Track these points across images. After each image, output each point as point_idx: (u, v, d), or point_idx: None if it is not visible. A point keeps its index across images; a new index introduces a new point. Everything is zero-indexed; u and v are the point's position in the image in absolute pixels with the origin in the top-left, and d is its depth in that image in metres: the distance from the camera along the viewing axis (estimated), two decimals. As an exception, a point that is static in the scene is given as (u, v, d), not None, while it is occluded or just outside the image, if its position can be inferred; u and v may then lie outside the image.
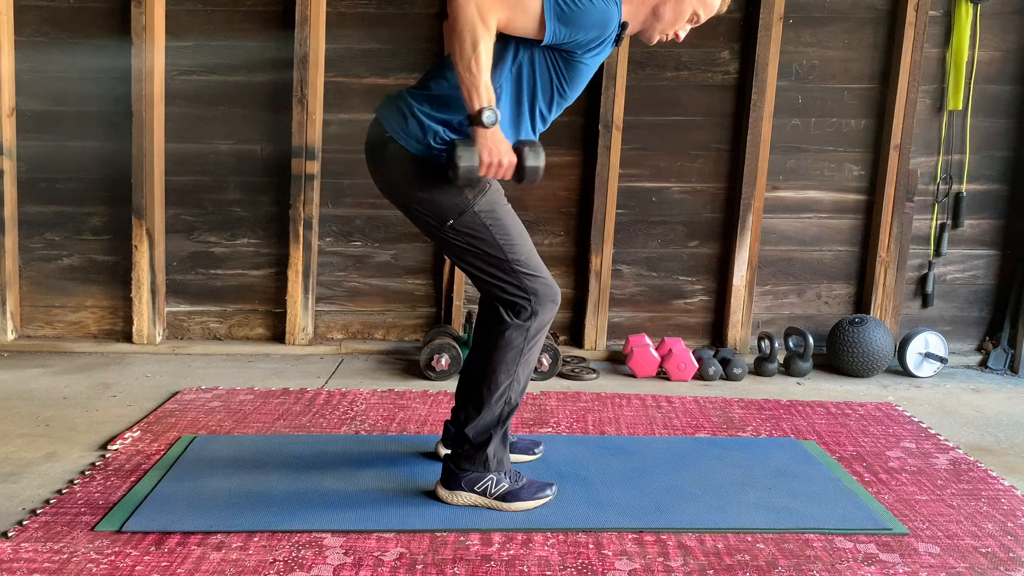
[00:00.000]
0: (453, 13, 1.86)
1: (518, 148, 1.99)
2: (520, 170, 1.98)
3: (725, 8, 2.26)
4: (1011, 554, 2.07)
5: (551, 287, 2.17)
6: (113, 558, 1.92)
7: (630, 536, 2.09)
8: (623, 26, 2.04)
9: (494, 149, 1.92)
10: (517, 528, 2.11)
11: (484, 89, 1.89)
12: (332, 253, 3.83)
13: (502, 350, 2.13)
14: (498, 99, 2.02)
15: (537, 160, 1.98)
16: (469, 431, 2.18)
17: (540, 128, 2.14)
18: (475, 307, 2.27)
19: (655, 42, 2.18)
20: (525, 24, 1.93)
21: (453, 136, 2.02)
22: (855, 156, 3.85)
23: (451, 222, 2.07)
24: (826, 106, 3.81)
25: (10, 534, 2.02)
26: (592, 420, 2.96)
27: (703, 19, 2.18)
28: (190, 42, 3.67)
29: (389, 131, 2.05)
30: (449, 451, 2.26)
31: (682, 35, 2.19)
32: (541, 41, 1.95)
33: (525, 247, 2.14)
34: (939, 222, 3.90)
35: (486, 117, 1.89)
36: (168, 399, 3.06)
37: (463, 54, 1.86)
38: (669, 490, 2.36)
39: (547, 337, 3.54)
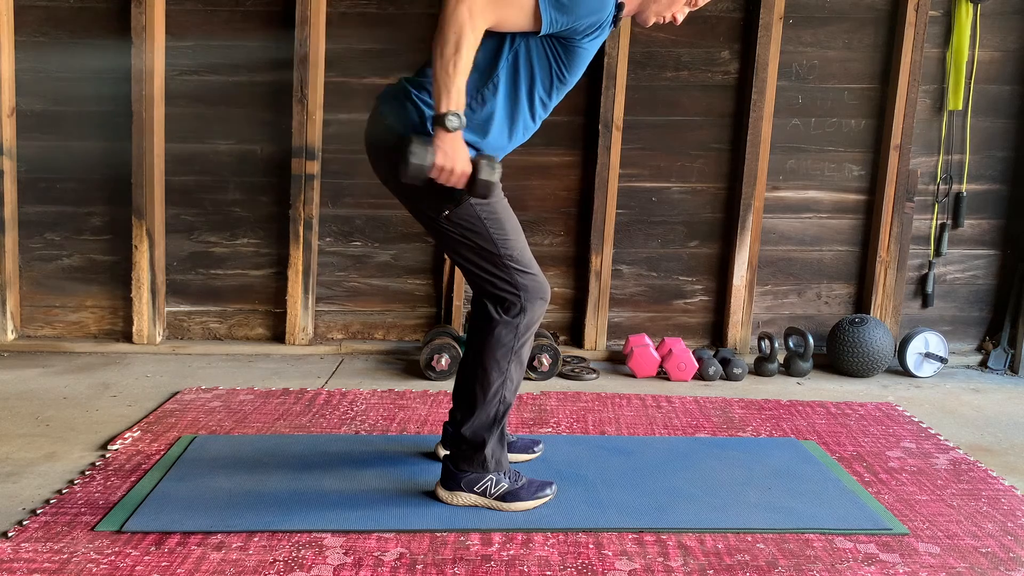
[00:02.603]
0: (445, 12, 1.86)
1: (476, 161, 1.95)
2: (472, 182, 1.94)
3: None
4: (1011, 554, 2.07)
5: (541, 284, 2.16)
6: (113, 558, 1.92)
7: (630, 536, 2.09)
8: (619, 7, 2.03)
9: (450, 154, 1.90)
10: (517, 528, 2.11)
11: (456, 93, 1.87)
12: (332, 253, 3.83)
13: (493, 348, 2.13)
14: (496, 88, 2.02)
15: (491, 176, 1.94)
16: (466, 431, 2.18)
17: (541, 115, 2.14)
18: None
19: (651, 24, 2.15)
20: (519, 20, 1.93)
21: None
22: (855, 156, 3.85)
23: (446, 213, 2.06)
24: (826, 106, 3.81)
25: (10, 534, 2.02)
26: (592, 420, 2.96)
27: (701, 3, 2.14)
28: (190, 42, 3.67)
29: (388, 119, 2.05)
30: (448, 452, 2.26)
31: (680, 18, 2.16)
32: (538, 32, 1.95)
33: (518, 243, 2.14)
34: (939, 222, 3.90)
35: (450, 121, 1.87)
36: (168, 399, 3.06)
37: (444, 54, 1.86)
38: (669, 490, 2.36)
39: (547, 337, 3.55)
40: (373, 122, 2.11)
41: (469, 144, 2.05)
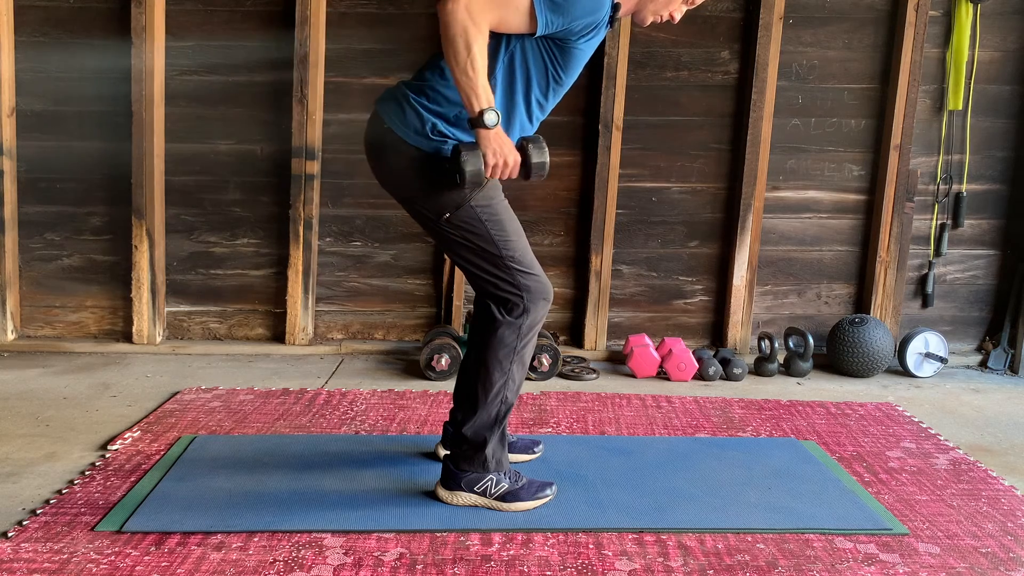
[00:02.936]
0: (444, 19, 1.86)
1: (521, 145, 1.98)
2: (526, 167, 1.99)
3: None
4: (1011, 554, 2.07)
5: (544, 285, 2.17)
6: (113, 558, 1.92)
7: (630, 536, 2.09)
8: (615, 7, 2.03)
9: (498, 150, 1.92)
10: (517, 528, 2.11)
11: (482, 91, 1.89)
12: (332, 253, 3.83)
13: (495, 349, 2.13)
14: (493, 91, 2.02)
15: (542, 156, 1.99)
16: (467, 431, 2.18)
17: (538, 116, 2.14)
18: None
19: (648, 24, 2.15)
20: (516, 21, 1.93)
21: (450, 129, 2.03)
22: (855, 156, 3.85)
23: (447, 215, 2.07)
24: (826, 106, 3.81)
25: (10, 534, 2.02)
26: (592, 420, 2.96)
27: (698, 1, 2.14)
28: (190, 42, 3.67)
29: (388, 123, 2.05)
30: (448, 452, 2.26)
31: (677, 16, 2.16)
32: (534, 33, 1.95)
33: (520, 244, 2.14)
34: (939, 222, 3.90)
35: (488, 119, 1.89)
36: (168, 399, 3.06)
37: (458, 58, 1.86)
38: (669, 490, 2.36)
39: (547, 337, 3.55)
40: (373, 125, 2.11)
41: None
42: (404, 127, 2.03)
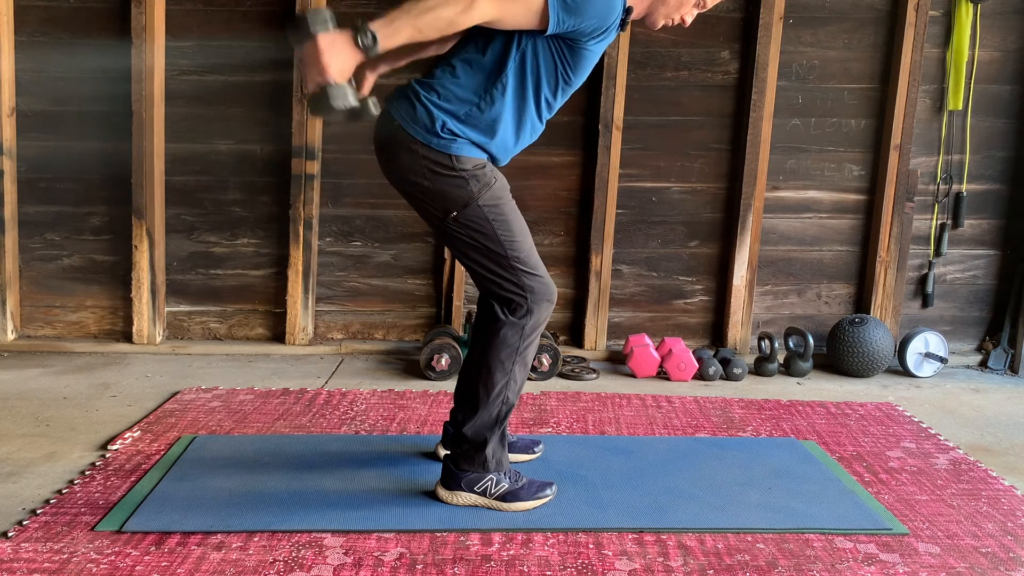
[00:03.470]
0: None
1: (342, 85, 1.83)
2: (319, 93, 1.84)
3: None
4: (1011, 554, 2.07)
5: (548, 286, 2.17)
6: (113, 558, 1.92)
7: (630, 536, 2.09)
8: (627, 11, 2.04)
9: (331, 50, 1.80)
10: (517, 528, 2.11)
11: (393, 32, 1.82)
12: (332, 253, 3.83)
13: (497, 349, 2.13)
14: (504, 89, 2.03)
15: (335, 101, 1.81)
16: (467, 431, 2.18)
17: (547, 115, 2.14)
18: (475, 307, 2.31)
19: (659, 27, 2.16)
20: (524, 19, 1.92)
21: (460, 127, 2.03)
22: (855, 156, 3.85)
23: (455, 214, 2.07)
24: (826, 106, 3.81)
25: (10, 534, 2.02)
26: (592, 420, 2.96)
27: (710, 4, 2.15)
28: (190, 42, 3.67)
29: (398, 119, 2.05)
30: (448, 452, 2.26)
31: (689, 20, 2.16)
32: (544, 31, 1.96)
33: (525, 244, 2.14)
34: (939, 222, 3.90)
35: (363, 37, 1.81)
36: (168, 399, 3.06)
37: (420, 4, 1.82)
38: (669, 490, 2.36)
39: (547, 337, 3.55)
40: (383, 122, 2.11)
41: (477, 145, 2.06)
42: (414, 124, 2.03)
